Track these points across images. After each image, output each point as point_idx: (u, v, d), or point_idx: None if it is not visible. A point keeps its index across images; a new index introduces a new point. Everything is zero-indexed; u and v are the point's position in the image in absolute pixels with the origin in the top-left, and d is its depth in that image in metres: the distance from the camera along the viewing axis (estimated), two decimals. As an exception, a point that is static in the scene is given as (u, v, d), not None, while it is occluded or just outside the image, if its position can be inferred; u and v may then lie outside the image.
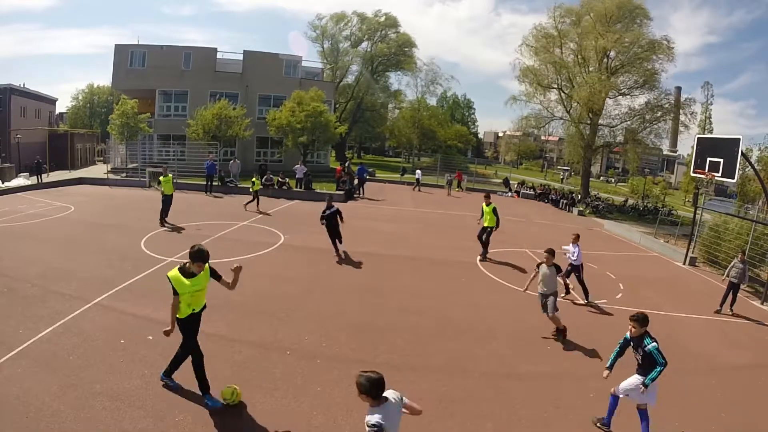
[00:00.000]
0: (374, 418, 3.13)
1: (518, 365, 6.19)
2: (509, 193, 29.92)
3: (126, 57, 29.77)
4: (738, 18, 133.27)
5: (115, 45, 30.17)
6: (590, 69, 28.45)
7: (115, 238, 11.15)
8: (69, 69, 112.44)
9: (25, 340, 5.67)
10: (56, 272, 8.28)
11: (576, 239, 9.19)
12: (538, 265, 7.18)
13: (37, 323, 6.14)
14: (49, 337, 5.83)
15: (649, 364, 4.58)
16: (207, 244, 10.85)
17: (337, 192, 21.68)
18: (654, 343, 4.65)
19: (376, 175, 32.38)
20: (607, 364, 4.94)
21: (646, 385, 4.55)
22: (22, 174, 22.98)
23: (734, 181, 12.45)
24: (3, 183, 20.42)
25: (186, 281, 4.56)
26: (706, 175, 12.16)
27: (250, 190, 16.39)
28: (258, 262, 9.87)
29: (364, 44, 49.20)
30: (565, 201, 26.23)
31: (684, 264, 13.69)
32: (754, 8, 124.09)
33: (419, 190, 26.86)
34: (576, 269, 9.07)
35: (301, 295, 8.11)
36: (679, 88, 32.50)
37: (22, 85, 36.33)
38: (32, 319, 6.25)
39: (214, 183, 20.43)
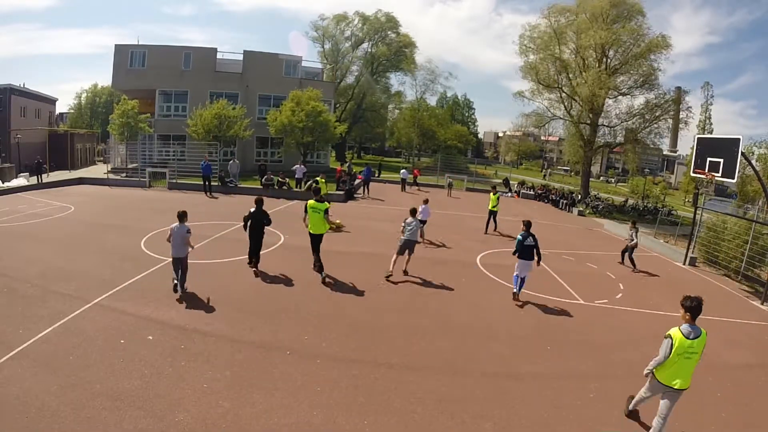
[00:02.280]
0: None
1: (518, 365, 6.19)
2: (509, 194, 29.87)
3: (126, 57, 29.74)
4: (739, 18, 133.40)
5: (115, 45, 30.16)
6: (590, 69, 28.45)
7: (115, 238, 11.15)
8: (69, 69, 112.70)
9: (25, 340, 5.67)
10: (56, 272, 8.28)
11: (425, 202, 12.88)
12: (405, 220, 9.55)
13: (37, 323, 6.14)
14: (49, 337, 5.83)
15: None
16: (207, 244, 10.93)
17: (337, 192, 21.68)
18: (519, 237, 8.31)
19: (376, 175, 32.35)
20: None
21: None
22: (22, 174, 23.01)
23: (734, 181, 12.44)
24: (3, 183, 20.43)
25: (312, 201, 8.92)
26: (706, 176, 12.15)
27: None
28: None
29: (365, 45, 49.32)
30: (565, 201, 26.23)
31: (684, 264, 13.70)
32: (755, 8, 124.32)
33: (406, 191, 26.70)
34: (423, 222, 12.40)
35: (301, 295, 8.11)
36: (679, 88, 32.41)
37: (22, 85, 36.37)
38: (32, 319, 6.25)
39: (214, 183, 20.39)
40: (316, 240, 9.06)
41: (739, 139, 11.24)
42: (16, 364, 5.13)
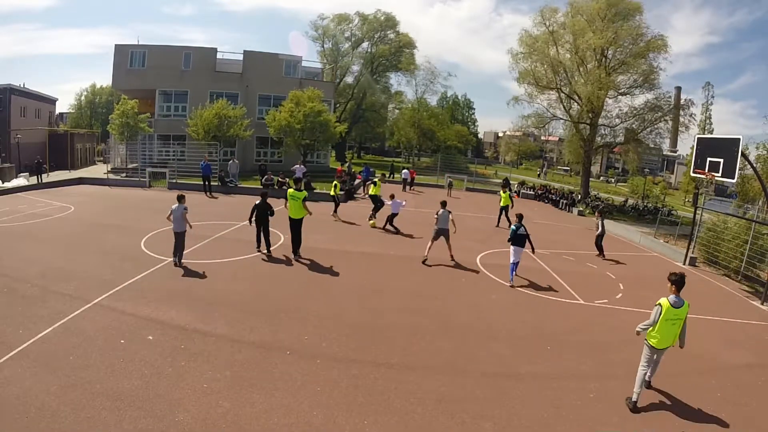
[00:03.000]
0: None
1: (518, 365, 6.19)
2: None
3: (126, 57, 29.72)
4: (739, 18, 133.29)
5: (115, 45, 30.13)
6: (588, 68, 28.43)
7: (115, 238, 11.15)
8: (69, 69, 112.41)
9: (25, 340, 5.67)
10: (56, 272, 8.28)
11: (392, 197, 14.32)
12: (438, 212, 10.97)
13: (37, 323, 6.14)
14: (49, 337, 5.84)
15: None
16: (207, 244, 10.93)
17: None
18: (512, 227, 9.61)
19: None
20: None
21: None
22: (22, 174, 22.99)
23: (734, 181, 12.43)
24: (3, 183, 20.43)
25: (291, 190, 10.28)
26: (706, 175, 12.14)
27: (330, 194, 15.99)
28: (258, 262, 9.89)
29: (365, 44, 49.34)
30: (565, 201, 26.22)
31: (684, 264, 13.69)
32: (755, 8, 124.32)
33: (407, 191, 26.65)
34: (394, 215, 14.14)
35: (301, 295, 8.11)
36: (679, 88, 32.44)
37: (22, 85, 36.33)
38: (32, 319, 6.25)
39: (213, 183, 20.38)
40: (295, 223, 10.27)
41: (739, 138, 11.23)
42: (16, 364, 5.13)
